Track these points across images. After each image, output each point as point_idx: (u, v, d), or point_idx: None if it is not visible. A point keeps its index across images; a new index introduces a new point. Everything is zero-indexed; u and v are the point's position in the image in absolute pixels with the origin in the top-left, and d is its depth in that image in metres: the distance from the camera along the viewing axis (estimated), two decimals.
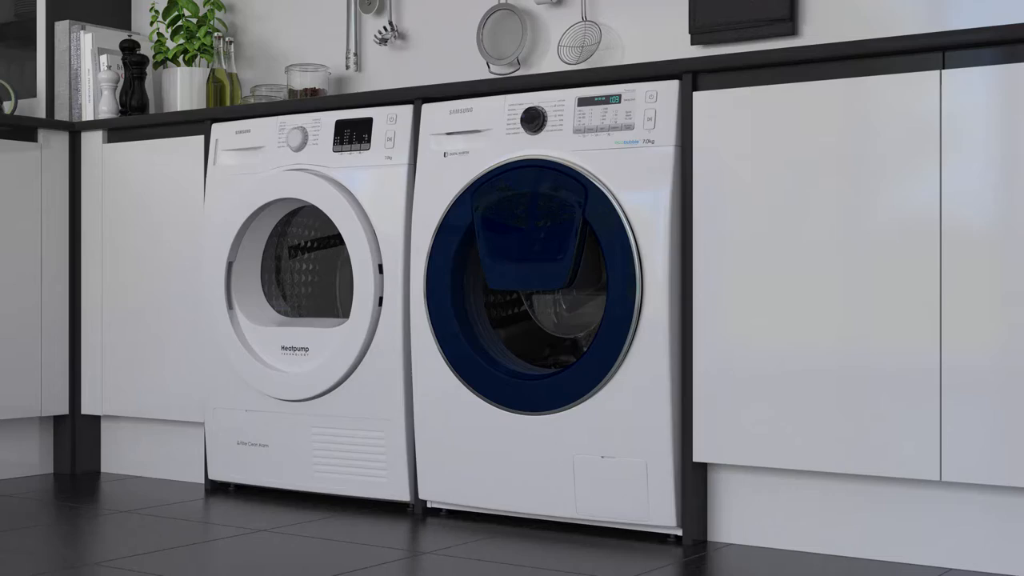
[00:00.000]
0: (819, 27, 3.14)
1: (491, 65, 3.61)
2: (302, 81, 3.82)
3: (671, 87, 2.70)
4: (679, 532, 2.71)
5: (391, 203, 3.06)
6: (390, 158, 3.07)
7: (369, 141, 3.10)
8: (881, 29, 3.02)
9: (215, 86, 3.91)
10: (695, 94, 2.68)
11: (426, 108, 3.03)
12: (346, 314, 3.57)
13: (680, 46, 3.32)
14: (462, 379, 2.91)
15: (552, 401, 2.79)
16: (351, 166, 3.13)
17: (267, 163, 3.27)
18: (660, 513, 2.69)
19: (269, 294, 3.40)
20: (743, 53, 2.64)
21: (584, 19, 3.45)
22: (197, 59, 4.01)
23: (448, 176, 2.95)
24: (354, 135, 3.13)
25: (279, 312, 3.38)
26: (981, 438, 2.36)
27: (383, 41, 3.82)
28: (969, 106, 2.38)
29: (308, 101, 3.27)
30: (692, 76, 2.68)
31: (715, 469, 2.71)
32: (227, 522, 3.02)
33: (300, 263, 3.52)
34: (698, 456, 2.67)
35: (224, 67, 3.93)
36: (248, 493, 3.38)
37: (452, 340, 2.92)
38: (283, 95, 3.86)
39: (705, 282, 2.65)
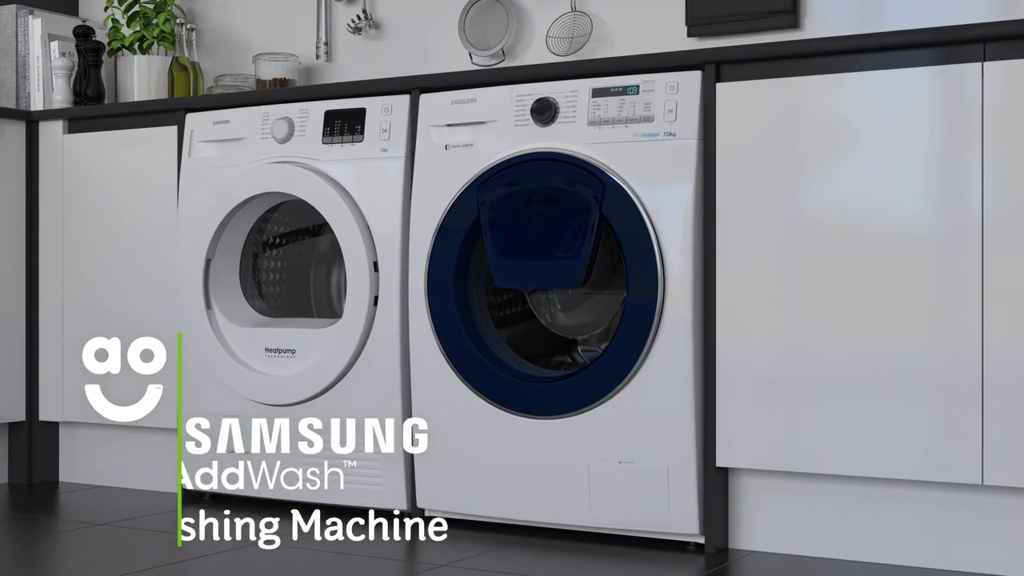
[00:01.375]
0: (821, 20, 3.06)
1: (473, 56, 3.48)
2: (271, 71, 3.65)
3: (693, 78, 2.60)
4: (700, 540, 2.61)
5: (387, 197, 2.91)
6: (385, 150, 2.93)
7: (362, 133, 2.95)
8: (885, 22, 2.95)
9: (177, 75, 3.72)
10: (719, 85, 2.58)
11: (424, 98, 2.90)
12: (321, 314, 3.42)
13: (676, 38, 3.22)
14: (467, 382, 2.78)
15: (566, 404, 2.68)
16: (342, 159, 2.98)
17: (249, 155, 3.11)
18: (682, 520, 2.59)
19: (247, 294, 3.23)
20: (770, 43, 2.55)
21: (573, 9, 3.34)
22: (154, 47, 3.81)
23: (450, 169, 2.82)
24: (345, 126, 2.98)
25: (259, 312, 3.22)
26: None
27: (356, 30, 3.67)
28: (1009, 99, 2.32)
29: (294, 90, 3.11)
30: (715, 67, 2.58)
31: (736, 474, 2.61)
32: (207, 534, 2.85)
33: (270, 260, 3.36)
34: (721, 461, 2.58)
35: (187, 55, 3.75)
36: (226, 502, 3.20)
37: (456, 341, 2.79)
38: (250, 85, 3.69)
39: (728, 281, 2.56)
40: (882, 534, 2.47)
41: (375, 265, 2.91)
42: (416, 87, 2.92)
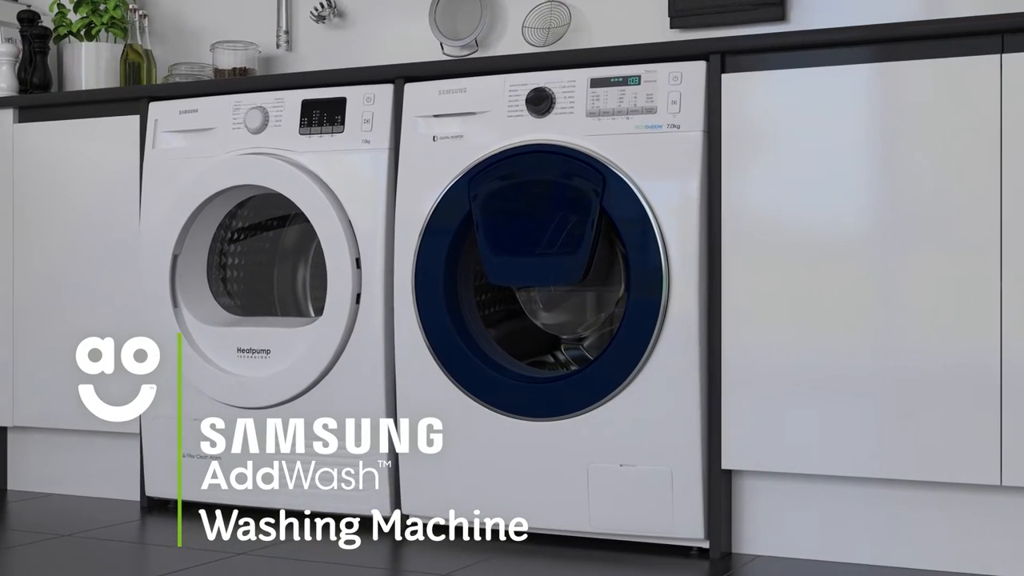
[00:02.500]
0: (808, 12, 3.00)
1: (445, 46, 3.37)
2: (230, 60, 3.51)
3: (697, 68, 2.52)
4: (704, 544, 2.53)
5: (369, 190, 2.79)
6: (368, 142, 2.80)
7: (343, 123, 2.83)
8: (876, 15, 2.90)
9: (130, 64, 3.56)
10: (724, 76, 2.50)
11: (410, 88, 2.78)
12: (286, 312, 3.29)
13: (658, 30, 3.14)
14: (459, 383, 2.67)
15: (564, 406, 2.58)
16: (321, 150, 2.85)
17: (220, 146, 2.96)
18: (686, 525, 2.50)
19: (214, 291, 3.08)
20: (777, 33, 2.48)
21: None
22: (101, 34, 3.64)
23: (439, 162, 2.71)
24: (324, 116, 2.85)
25: (227, 310, 3.07)
26: None
27: (320, 18, 3.54)
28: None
29: (267, 79, 2.98)
30: (720, 57, 2.51)
31: (740, 476, 2.54)
32: (172, 542, 2.71)
33: (234, 256, 3.21)
34: (727, 463, 2.50)
35: (140, 43, 3.58)
36: (194, 510, 3.05)
37: (446, 342, 2.68)
38: (208, 75, 3.54)
39: (734, 277, 2.48)
40: (896, 537, 2.41)
41: (357, 262, 2.79)
42: (400, 76, 2.80)
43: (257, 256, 3.26)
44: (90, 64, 3.59)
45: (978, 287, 2.30)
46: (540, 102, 2.61)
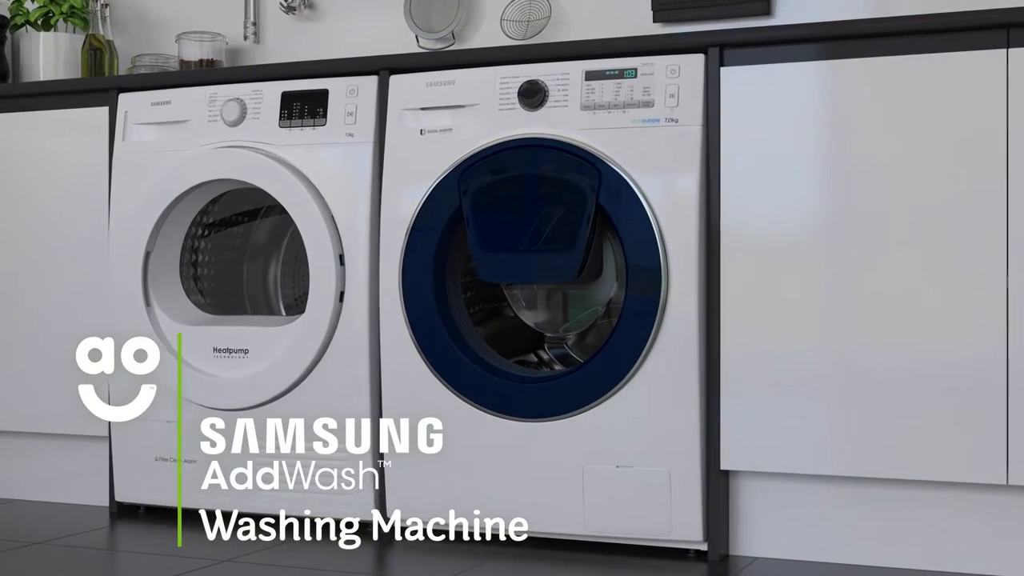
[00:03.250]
0: (794, 7, 2.97)
1: (420, 39, 3.30)
2: (197, 52, 3.41)
3: (695, 61, 2.47)
4: (702, 547, 2.48)
5: (353, 185, 2.71)
6: (351, 135, 2.72)
7: (325, 116, 2.75)
8: (865, 9, 2.88)
9: (92, 54, 3.44)
10: (723, 70, 2.45)
11: (396, 80, 2.70)
12: (257, 311, 3.20)
13: (641, 23, 3.09)
14: (448, 383, 2.60)
15: (558, 407, 2.52)
16: (303, 143, 2.76)
17: (196, 139, 2.86)
18: (685, 527, 2.45)
19: (187, 289, 2.98)
20: (776, 27, 2.45)
21: None
22: (60, 24, 3.52)
23: (427, 155, 2.64)
24: (306, 109, 2.76)
25: (201, 309, 2.97)
26: None
27: (290, 9, 3.44)
28: None
29: (244, 70, 2.89)
30: (719, 50, 2.46)
31: (738, 477, 2.49)
32: (147, 549, 2.62)
33: (204, 254, 3.11)
34: (726, 463, 2.45)
35: (102, 33, 3.47)
36: (165, 516, 2.95)
37: (436, 341, 2.61)
38: (173, 67, 3.44)
39: (733, 274, 2.43)
40: (900, 538, 2.38)
41: (341, 258, 2.71)
42: (385, 68, 2.72)
43: (227, 253, 3.16)
44: (48, 55, 3.47)
45: (983, 285, 2.27)
46: (533, 95, 2.55)
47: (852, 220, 2.36)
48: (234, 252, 3.18)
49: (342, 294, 2.71)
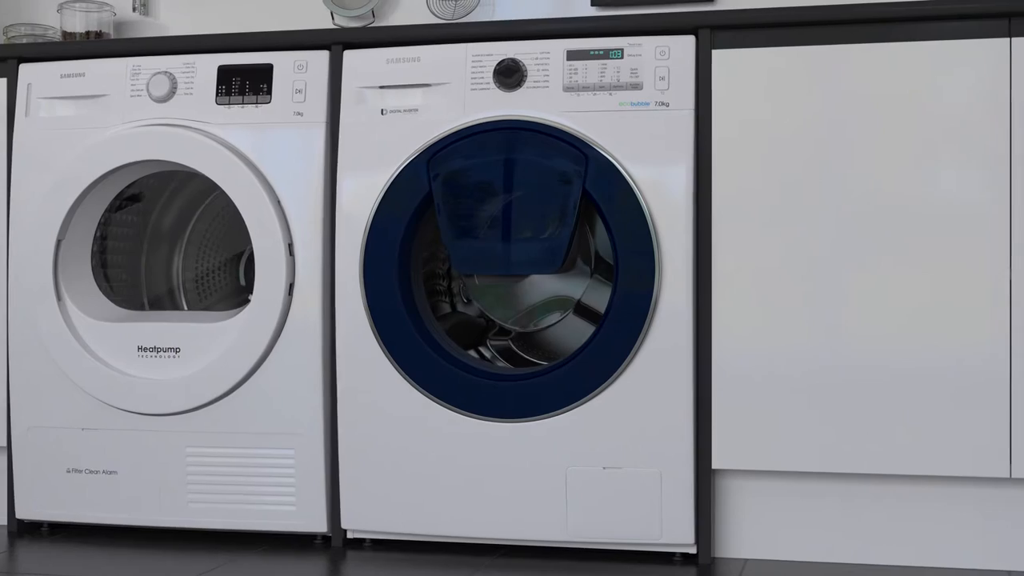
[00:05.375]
0: None
1: (336, 16, 3.09)
2: (81, 23, 3.11)
3: (686, 43, 2.36)
4: (689, 550, 2.37)
5: (303, 168, 2.50)
6: (300, 114, 2.51)
7: (269, 93, 2.52)
8: None
9: None
10: (715, 52, 2.35)
11: (351, 55, 2.50)
12: (159, 306, 2.93)
13: (578, 5, 2.97)
14: (417, 383, 2.41)
15: (540, 406, 2.38)
16: (244, 123, 2.52)
17: (117, 116, 2.58)
18: (675, 530, 2.34)
19: (98, 282, 2.70)
20: (772, 9, 2.35)
21: None
22: None
23: (390, 137, 2.45)
24: (247, 85, 2.53)
25: (119, 304, 2.70)
26: None
27: None
28: None
29: (173, 40, 2.62)
30: (710, 32, 2.36)
31: (727, 476, 2.40)
32: (53, 572, 2.34)
33: (114, 240, 2.82)
34: (717, 462, 2.35)
35: None
36: (74, 535, 2.66)
37: (402, 338, 2.42)
38: (52, 37, 3.12)
39: (725, 267, 2.34)
40: (901, 534, 2.33)
41: (290, 248, 2.49)
42: (337, 42, 2.52)
43: (128, 243, 2.88)
44: None
45: (986, 277, 2.24)
46: (511, 74, 2.39)
47: (849, 211, 2.29)
48: (132, 243, 2.90)
49: (291, 286, 2.49)
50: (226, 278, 3.00)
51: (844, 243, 2.30)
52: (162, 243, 2.95)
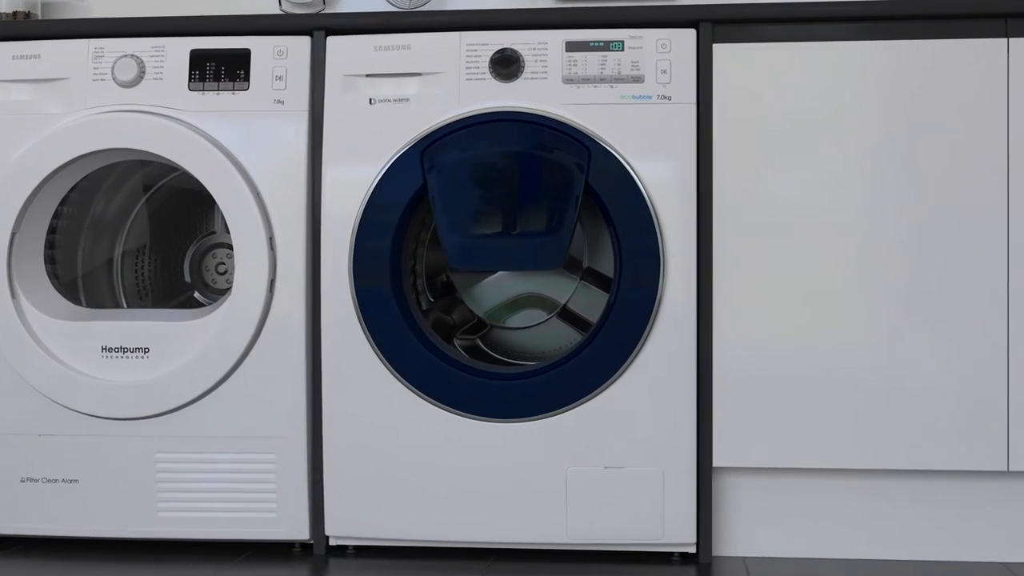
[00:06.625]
0: None
1: (283, 2, 2.97)
2: (9, 3, 2.92)
3: (687, 36, 2.33)
4: (689, 549, 2.35)
5: (285, 158, 2.38)
6: (281, 102, 2.39)
7: (247, 79, 2.40)
8: None
9: None
10: (716, 46, 2.33)
11: (335, 41, 2.40)
12: (118, 304, 2.76)
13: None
14: (410, 384, 2.33)
15: (540, 405, 2.32)
16: (219, 110, 2.40)
17: (78, 101, 2.42)
18: (678, 529, 2.32)
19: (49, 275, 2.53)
20: (772, 4, 2.34)
21: None
22: None
23: (381, 128, 2.35)
24: (222, 71, 2.40)
25: (77, 303, 2.53)
26: None
27: None
28: None
29: (140, 22, 2.46)
30: (711, 25, 2.33)
31: (728, 474, 2.38)
32: None
33: (61, 234, 2.65)
34: (719, 460, 2.33)
35: None
36: (31, 549, 2.49)
37: (395, 337, 2.33)
38: None
39: (726, 264, 2.32)
40: (900, 529, 2.34)
41: (271, 242, 2.37)
42: (320, 27, 2.41)
43: (71, 236, 2.71)
44: None
45: (983, 272, 2.27)
46: (509, 64, 2.33)
47: (850, 208, 2.30)
48: (71, 236, 2.73)
49: (272, 282, 2.37)
50: (168, 274, 2.85)
51: (845, 238, 2.30)
52: (101, 236, 2.78)
